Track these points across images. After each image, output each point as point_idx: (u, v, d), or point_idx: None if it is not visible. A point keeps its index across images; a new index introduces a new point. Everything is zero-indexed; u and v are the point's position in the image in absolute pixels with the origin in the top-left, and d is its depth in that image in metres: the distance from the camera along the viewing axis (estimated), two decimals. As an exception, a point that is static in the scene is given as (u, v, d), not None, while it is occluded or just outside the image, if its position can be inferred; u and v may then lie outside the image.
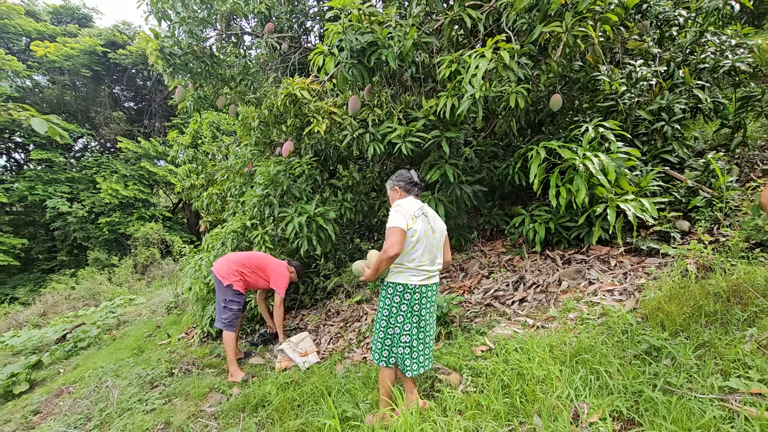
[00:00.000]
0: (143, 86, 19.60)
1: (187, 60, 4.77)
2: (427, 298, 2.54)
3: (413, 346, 2.51)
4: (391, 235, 2.39)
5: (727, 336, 2.22)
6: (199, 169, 8.17)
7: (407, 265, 2.48)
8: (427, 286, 2.54)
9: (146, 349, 5.51)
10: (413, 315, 2.50)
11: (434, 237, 2.55)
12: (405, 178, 2.67)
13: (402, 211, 2.47)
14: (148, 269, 14.88)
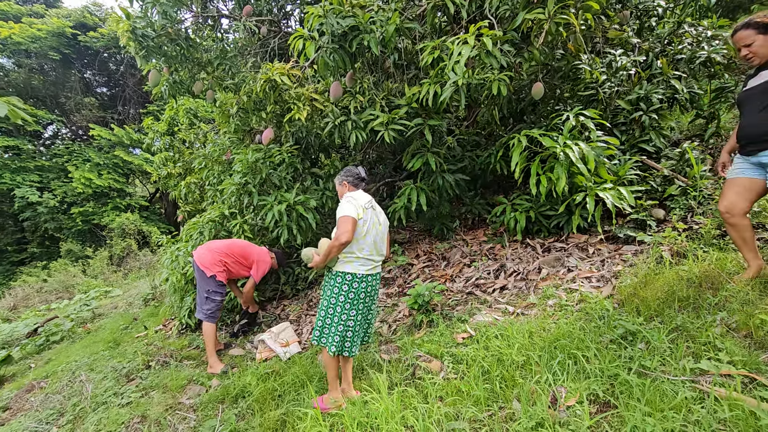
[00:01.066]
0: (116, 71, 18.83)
1: (161, 42, 4.57)
2: (372, 287, 2.74)
3: (356, 331, 2.71)
4: (343, 223, 2.53)
5: (698, 320, 2.28)
6: (176, 158, 7.95)
7: (357, 254, 2.63)
8: (372, 276, 2.72)
9: (122, 341, 5.38)
10: (359, 302, 2.68)
11: (380, 229, 2.75)
12: (353, 174, 2.87)
13: (354, 202, 2.63)
14: (125, 261, 14.49)
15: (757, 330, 2.05)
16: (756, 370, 1.85)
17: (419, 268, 4.72)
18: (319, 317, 2.74)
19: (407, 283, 4.53)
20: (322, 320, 2.71)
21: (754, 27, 2.32)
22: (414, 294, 3.53)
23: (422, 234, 5.57)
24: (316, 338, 2.74)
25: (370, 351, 3.32)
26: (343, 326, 2.67)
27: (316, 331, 2.74)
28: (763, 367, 1.86)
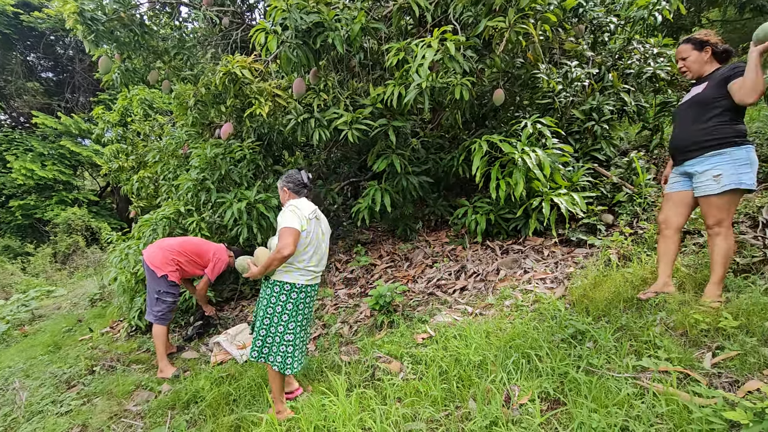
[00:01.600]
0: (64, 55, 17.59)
1: (113, 27, 4.30)
2: (310, 298, 2.68)
3: (296, 344, 2.61)
4: (287, 235, 2.45)
5: (641, 319, 2.42)
6: (129, 150, 7.53)
7: (297, 265, 2.56)
8: (311, 286, 2.66)
9: (64, 345, 5.02)
10: (298, 314, 2.60)
11: (323, 240, 2.70)
12: (294, 179, 2.73)
13: (298, 212, 2.54)
14: (71, 258, 13.56)
15: (691, 329, 2.20)
16: (690, 367, 1.98)
17: (382, 269, 4.73)
18: (258, 333, 2.60)
19: (369, 284, 4.52)
20: (262, 337, 2.58)
21: (692, 43, 2.49)
22: (376, 295, 3.53)
23: (386, 234, 5.59)
24: (255, 357, 2.60)
25: (330, 353, 3.28)
26: (285, 343, 2.57)
27: (254, 349, 2.60)
28: (696, 363, 2.00)
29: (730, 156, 2.30)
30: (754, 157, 2.32)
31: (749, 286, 2.42)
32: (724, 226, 2.34)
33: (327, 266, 5.04)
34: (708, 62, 2.45)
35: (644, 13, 4.61)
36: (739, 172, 2.29)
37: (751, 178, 2.29)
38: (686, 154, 2.46)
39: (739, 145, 2.30)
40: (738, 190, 2.30)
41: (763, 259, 2.71)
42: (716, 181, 2.31)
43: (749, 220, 3.20)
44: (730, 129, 2.31)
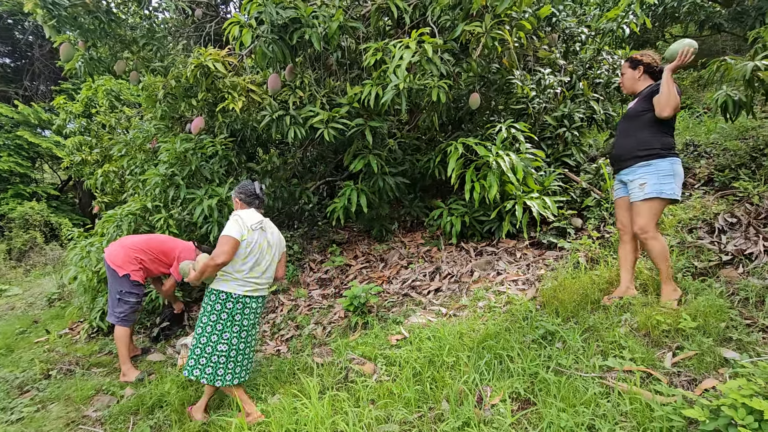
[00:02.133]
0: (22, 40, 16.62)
1: (76, 13, 4.08)
2: (251, 309, 2.65)
3: (230, 356, 2.57)
4: (224, 243, 2.47)
5: (607, 320, 2.50)
6: (93, 143, 7.19)
7: (234, 275, 2.56)
8: (251, 298, 2.63)
9: (17, 348, 4.73)
10: (234, 324, 2.57)
11: (268, 251, 2.67)
12: (246, 190, 2.77)
13: (240, 221, 2.56)
14: (27, 255, 12.81)
15: (654, 329, 2.29)
16: (652, 366, 2.07)
17: (357, 269, 4.70)
18: (195, 341, 2.58)
19: (344, 284, 4.49)
20: (201, 345, 2.56)
21: (629, 61, 2.68)
22: (350, 295, 3.50)
23: (361, 235, 5.57)
24: (190, 368, 2.56)
25: (303, 355, 3.23)
26: (217, 353, 2.54)
27: (191, 359, 2.57)
28: (658, 363, 2.09)
29: (655, 167, 2.46)
30: (678, 169, 2.48)
31: (706, 289, 2.55)
32: (649, 230, 2.49)
33: (301, 266, 4.99)
34: (641, 80, 2.63)
35: (613, 25, 4.79)
36: (661, 182, 2.45)
37: (672, 189, 2.45)
38: (621, 163, 2.65)
39: (664, 157, 2.46)
40: (660, 199, 2.46)
41: (719, 263, 2.86)
42: (641, 189, 2.49)
43: (706, 226, 3.37)
44: (657, 141, 2.48)
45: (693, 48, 2.35)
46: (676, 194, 2.46)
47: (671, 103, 2.36)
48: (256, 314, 2.69)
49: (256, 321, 2.71)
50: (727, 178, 4.00)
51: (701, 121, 6.19)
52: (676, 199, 2.49)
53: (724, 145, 4.65)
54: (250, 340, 2.68)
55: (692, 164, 4.55)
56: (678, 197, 2.48)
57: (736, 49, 9.83)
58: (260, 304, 2.72)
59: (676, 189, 2.46)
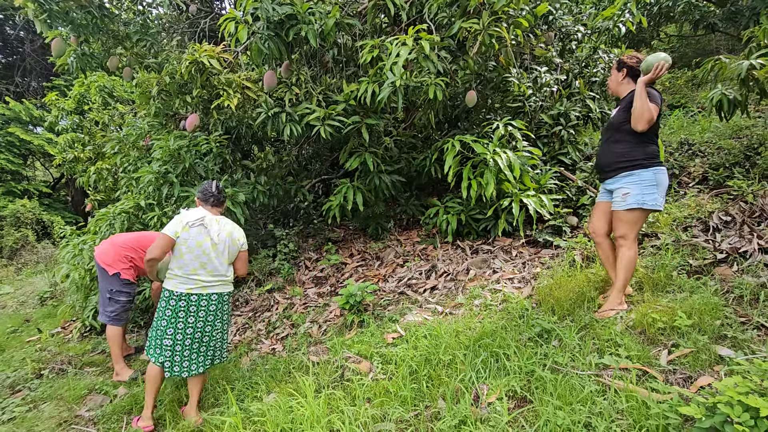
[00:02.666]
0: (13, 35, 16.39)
1: (68, 8, 4.02)
2: (199, 307, 2.65)
3: (176, 350, 2.63)
4: (156, 240, 2.61)
5: (603, 318, 2.50)
6: (86, 140, 7.11)
7: (176, 272, 2.62)
8: (200, 296, 2.64)
9: (8, 347, 4.68)
10: (178, 321, 2.62)
11: (213, 249, 2.66)
12: (203, 189, 2.90)
13: (178, 218, 2.65)
14: (18, 253, 12.67)
15: (649, 327, 2.30)
16: (648, 364, 2.07)
17: (353, 268, 4.69)
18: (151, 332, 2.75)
19: (340, 283, 4.47)
20: (151, 338, 2.72)
21: (616, 63, 2.66)
22: (346, 294, 3.49)
23: (357, 233, 5.55)
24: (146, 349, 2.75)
25: (298, 353, 3.21)
26: (162, 347, 2.63)
27: (148, 344, 2.75)
28: (653, 360, 2.09)
29: (638, 177, 2.47)
30: (661, 178, 2.48)
31: (701, 287, 2.56)
32: (628, 239, 2.52)
33: (296, 264, 4.96)
34: (624, 83, 2.61)
35: (609, 24, 4.80)
36: (643, 192, 2.45)
37: (654, 199, 2.45)
38: (606, 173, 2.66)
39: (647, 167, 2.47)
40: (642, 209, 2.48)
41: (714, 261, 2.87)
42: (624, 199, 2.51)
43: (701, 225, 3.39)
44: (639, 151, 2.48)
45: (667, 63, 2.34)
46: (659, 205, 2.47)
47: (645, 117, 2.37)
48: (209, 312, 2.69)
49: (215, 318, 2.72)
50: (722, 176, 4.02)
51: (696, 120, 6.22)
52: (657, 210, 2.51)
53: (718, 144, 4.67)
54: (206, 339, 2.70)
55: (687, 163, 4.57)
56: (660, 208, 2.50)
57: (730, 48, 9.90)
58: (214, 302, 2.69)
59: (658, 199, 2.47)
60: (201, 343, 2.68)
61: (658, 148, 2.53)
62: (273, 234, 5.13)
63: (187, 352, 2.64)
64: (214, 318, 2.71)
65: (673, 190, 4.20)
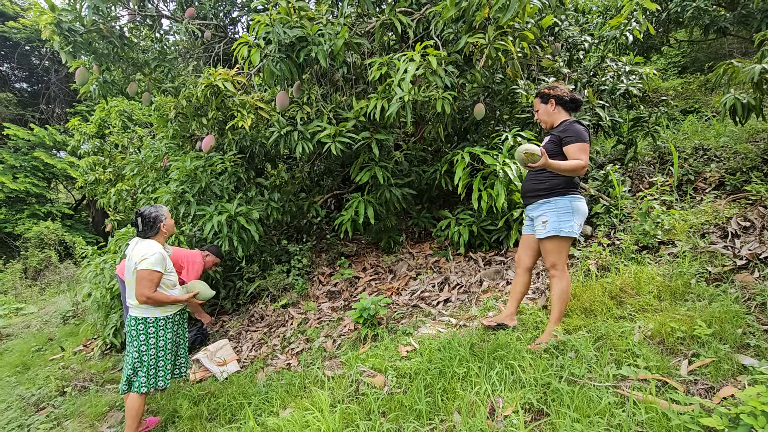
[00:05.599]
0: (39, 65, 17.19)
1: (91, 39, 4.24)
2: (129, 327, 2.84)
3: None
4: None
5: (620, 328, 2.46)
6: (106, 162, 7.36)
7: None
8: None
9: (33, 365, 4.80)
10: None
11: (126, 273, 2.81)
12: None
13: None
14: (42, 274, 13.04)
15: (668, 337, 2.25)
16: (667, 374, 2.03)
17: (366, 281, 4.70)
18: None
19: (353, 297, 4.49)
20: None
21: (539, 96, 2.68)
22: (359, 307, 3.50)
23: (369, 247, 5.58)
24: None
25: (313, 368, 3.23)
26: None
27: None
28: (673, 371, 2.05)
29: (555, 204, 2.50)
30: (578, 205, 2.50)
31: (721, 295, 2.50)
32: (558, 268, 2.53)
33: (310, 279, 5.01)
34: (556, 113, 2.62)
35: (616, 32, 4.81)
36: (560, 220, 2.48)
37: (571, 227, 2.47)
38: (527, 199, 2.69)
39: (563, 194, 2.50)
40: (560, 237, 2.49)
41: (733, 268, 2.81)
42: (543, 227, 2.53)
43: (719, 231, 3.33)
44: (559, 180, 2.51)
45: (534, 152, 2.32)
46: (574, 232, 2.48)
47: (579, 172, 2.42)
48: (126, 332, 2.84)
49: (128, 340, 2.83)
50: (739, 181, 3.95)
51: (710, 124, 6.14)
52: (574, 237, 2.51)
53: (734, 148, 4.60)
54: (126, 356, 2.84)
55: (702, 168, 4.50)
56: (575, 235, 2.50)
57: (743, 51, 9.78)
58: (127, 323, 2.82)
59: (575, 227, 2.48)
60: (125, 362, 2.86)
61: (579, 178, 2.59)
62: (287, 249, 5.20)
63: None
64: (127, 340, 2.84)
65: (689, 197, 4.14)
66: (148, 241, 2.78)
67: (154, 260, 2.67)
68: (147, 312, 2.76)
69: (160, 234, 2.82)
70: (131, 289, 2.75)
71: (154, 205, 2.86)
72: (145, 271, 2.65)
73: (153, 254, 2.68)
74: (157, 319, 2.78)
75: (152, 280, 2.67)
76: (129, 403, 2.73)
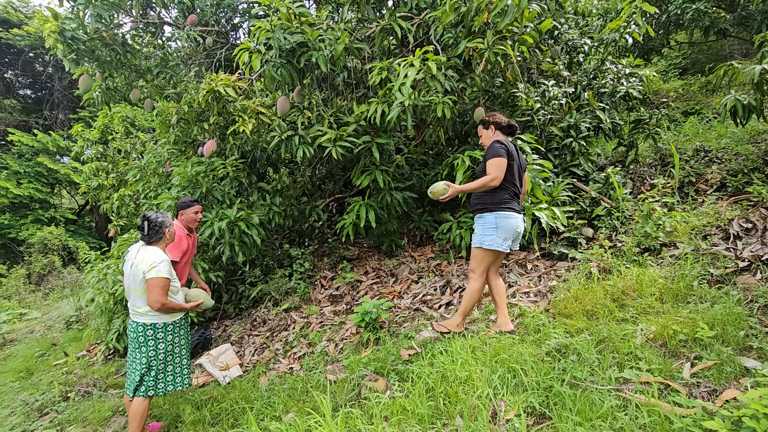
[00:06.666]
0: (43, 72, 17.33)
1: (94, 46, 4.28)
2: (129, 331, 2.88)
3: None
4: None
5: (622, 331, 2.46)
6: (109, 168, 7.40)
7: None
8: (129, 322, 2.87)
9: (37, 371, 4.82)
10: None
11: (129, 280, 2.81)
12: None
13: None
14: (46, 279, 13.08)
15: (670, 339, 2.25)
16: (670, 377, 2.02)
17: (368, 285, 4.71)
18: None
19: (355, 300, 4.49)
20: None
21: (481, 123, 3.05)
22: (361, 311, 3.50)
23: (371, 250, 5.58)
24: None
25: (316, 372, 3.23)
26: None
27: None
28: (676, 374, 2.04)
29: (484, 220, 2.85)
30: (502, 222, 2.78)
31: (723, 297, 2.50)
32: (475, 273, 2.88)
33: (312, 283, 5.01)
34: (495, 135, 2.96)
35: (616, 35, 4.83)
36: (484, 233, 2.83)
37: (492, 240, 2.79)
38: (472, 212, 3.05)
39: (491, 211, 2.81)
40: (482, 248, 2.83)
41: (736, 269, 2.80)
42: (474, 237, 2.92)
43: (721, 232, 3.32)
44: (488, 198, 2.84)
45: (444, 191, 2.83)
46: (495, 246, 2.78)
47: (491, 185, 2.75)
48: (131, 338, 2.84)
49: (131, 347, 2.85)
50: (740, 182, 3.94)
51: (711, 126, 6.13)
52: (495, 250, 2.81)
53: (735, 150, 4.60)
54: (132, 362, 2.85)
55: (703, 170, 4.50)
56: (498, 248, 2.79)
57: (744, 53, 9.77)
58: (132, 329, 2.83)
59: (496, 241, 2.78)
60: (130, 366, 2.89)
61: (510, 195, 2.84)
62: (289, 254, 5.21)
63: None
64: (131, 347, 2.86)
65: (690, 198, 4.13)
66: (151, 247, 2.80)
67: (162, 268, 2.71)
68: (155, 318, 2.79)
69: (163, 240, 2.85)
70: (136, 297, 2.77)
71: (160, 211, 2.90)
72: (156, 279, 2.69)
73: (161, 262, 2.72)
74: (165, 325, 2.82)
75: (164, 288, 2.71)
76: (133, 407, 2.73)
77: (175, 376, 2.88)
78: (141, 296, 2.75)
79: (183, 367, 2.94)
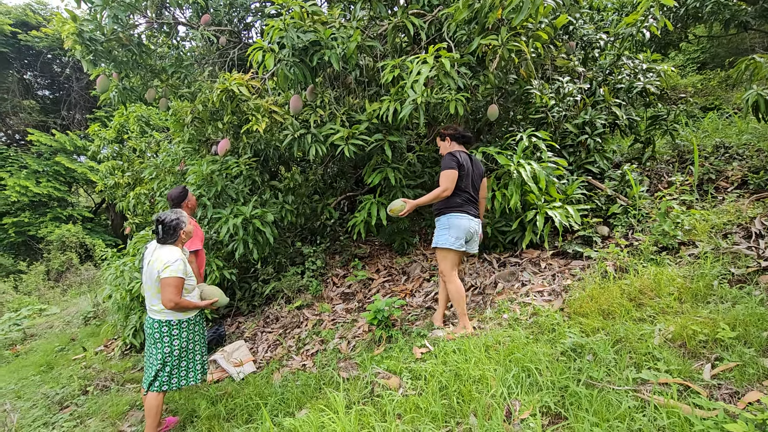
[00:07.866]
0: (61, 73, 17.69)
1: (111, 47, 4.35)
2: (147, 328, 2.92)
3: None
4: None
5: (639, 331, 2.42)
6: (125, 167, 7.53)
7: None
8: (146, 318, 2.94)
9: (57, 365, 4.94)
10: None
11: (145, 277, 2.87)
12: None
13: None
14: (64, 276, 13.41)
15: (690, 340, 2.21)
16: (689, 378, 1.98)
17: (379, 283, 4.71)
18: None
19: (367, 298, 4.50)
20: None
21: (438, 135, 3.27)
22: (374, 309, 3.51)
23: (383, 248, 5.59)
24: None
25: (329, 369, 3.25)
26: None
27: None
28: (695, 375, 2.00)
29: (439, 222, 3.12)
30: (454, 221, 3.03)
31: (745, 297, 2.44)
32: (445, 273, 3.08)
33: (324, 281, 5.04)
34: (452, 146, 3.19)
35: (632, 30, 4.73)
36: (439, 234, 3.09)
37: (445, 239, 3.03)
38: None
39: (445, 213, 3.07)
40: (440, 248, 3.06)
41: (758, 269, 2.73)
42: (433, 240, 3.14)
43: (742, 231, 3.24)
44: (443, 203, 3.08)
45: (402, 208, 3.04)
46: (448, 244, 3.01)
47: (442, 197, 3.01)
48: (148, 333, 2.90)
49: (149, 343, 2.90)
50: (762, 180, 3.84)
51: (732, 122, 5.98)
52: (452, 249, 3.02)
53: (757, 146, 4.48)
54: (148, 356, 2.92)
55: (724, 167, 4.39)
56: (451, 246, 3.01)
57: (765, 46, 9.50)
58: (149, 326, 2.88)
59: (449, 239, 3.01)
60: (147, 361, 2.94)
61: (463, 200, 3.06)
62: (301, 251, 5.24)
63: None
64: (148, 342, 2.91)
65: (710, 196, 4.04)
66: (168, 246, 2.83)
67: (176, 267, 2.74)
68: (171, 315, 2.83)
69: (179, 240, 2.87)
70: (152, 295, 2.82)
71: (174, 210, 2.90)
72: (170, 278, 2.72)
73: (175, 261, 2.74)
74: (180, 322, 2.86)
75: (177, 287, 2.74)
76: (148, 401, 2.79)
77: (188, 372, 2.92)
78: (156, 294, 2.80)
79: (197, 362, 2.98)
